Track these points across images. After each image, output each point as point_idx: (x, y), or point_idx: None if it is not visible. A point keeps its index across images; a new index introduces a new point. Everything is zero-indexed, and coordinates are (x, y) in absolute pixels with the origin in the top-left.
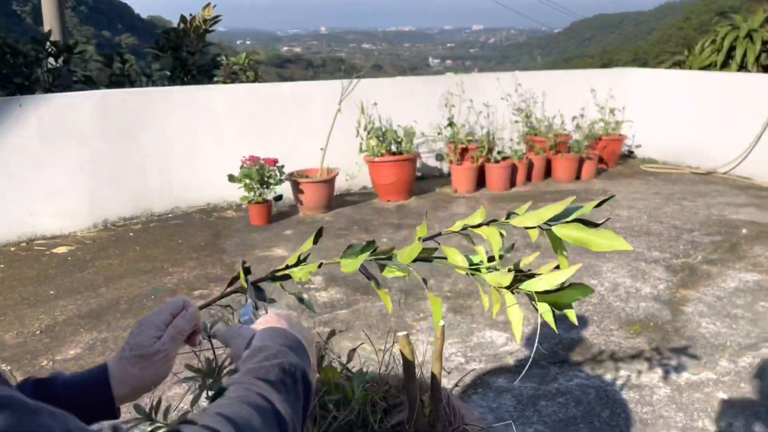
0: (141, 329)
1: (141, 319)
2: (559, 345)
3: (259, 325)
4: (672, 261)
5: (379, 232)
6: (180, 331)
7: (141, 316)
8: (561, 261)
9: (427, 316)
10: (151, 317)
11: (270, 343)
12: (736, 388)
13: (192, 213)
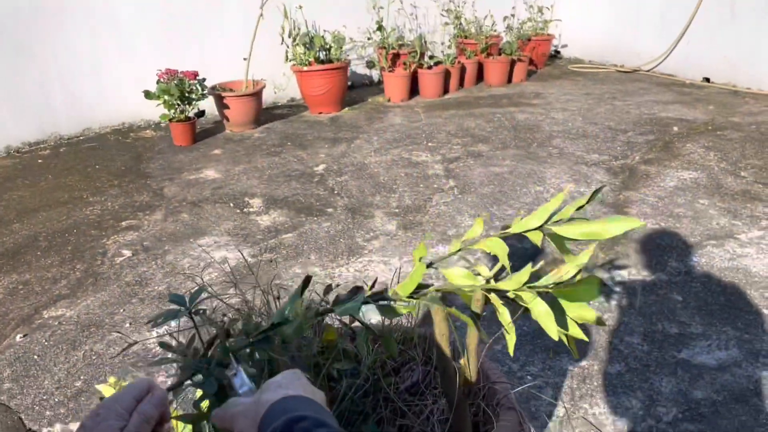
0: (98, 420)
1: (97, 407)
2: (513, 256)
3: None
4: (611, 163)
5: (314, 147)
6: (147, 419)
7: (63, 252)
8: (568, 259)
9: (378, 235)
10: (110, 404)
11: (303, 412)
12: (688, 287)
13: (106, 134)
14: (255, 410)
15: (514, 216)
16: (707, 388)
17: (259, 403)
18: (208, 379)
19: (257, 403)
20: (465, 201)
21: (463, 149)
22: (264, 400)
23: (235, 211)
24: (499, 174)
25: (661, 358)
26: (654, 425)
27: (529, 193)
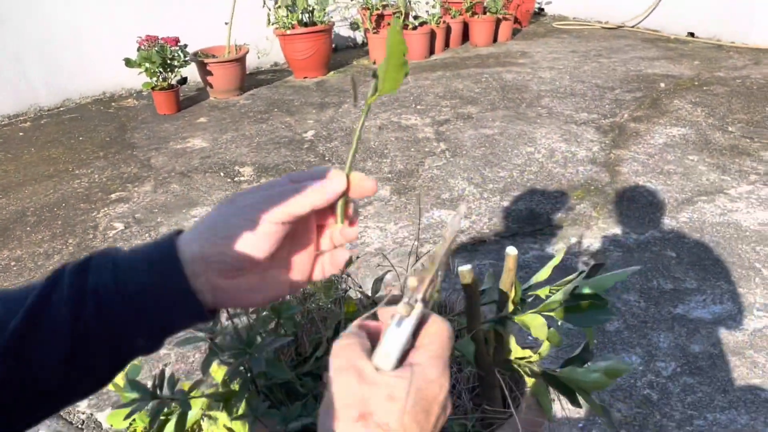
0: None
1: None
2: (508, 218)
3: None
4: (601, 121)
5: (302, 113)
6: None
7: (54, 227)
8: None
9: (371, 201)
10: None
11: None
12: (681, 243)
13: (87, 105)
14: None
15: (507, 178)
16: (704, 341)
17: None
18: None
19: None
20: (457, 164)
21: (452, 111)
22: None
23: (225, 180)
24: (490, 136)
25: (658, 314)
26: (654, 379)
27: (520, 154)
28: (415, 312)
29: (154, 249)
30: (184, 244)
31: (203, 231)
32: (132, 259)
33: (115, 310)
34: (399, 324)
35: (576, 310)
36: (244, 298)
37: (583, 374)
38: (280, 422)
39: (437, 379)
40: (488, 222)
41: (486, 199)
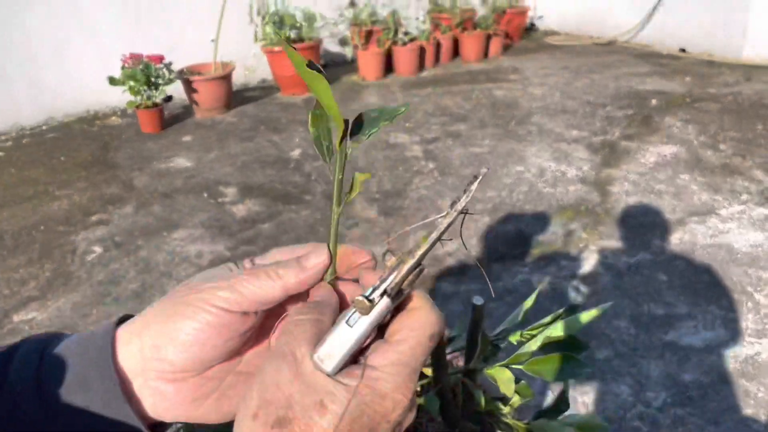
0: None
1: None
2: (497, 240)
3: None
4: (592, 139)
5: (289, 131)
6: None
7: (31, 251)
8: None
9: (358, 222)
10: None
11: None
12: (672, 266)
13: (70, 123)
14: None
15: (495, 198)
16: (695, 370)
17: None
18: None
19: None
20: (445, 183)
21: (441, 129)
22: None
23: (209, 201)
24: (479, 154)
25: (649, 341)
26: (644, 411)
27: (509, 173)
28: (376, 310)
29: (86, 347)
30: (123, 337)
31: (146, 321)
32: (65, 348)
33: (29, 409)
34: (353, 322)
35: (548, 363)
36: (192, 411)
37: (556, 428)
38: None
39: (392, 393)
40: (476, 244)
41: (475, 220)
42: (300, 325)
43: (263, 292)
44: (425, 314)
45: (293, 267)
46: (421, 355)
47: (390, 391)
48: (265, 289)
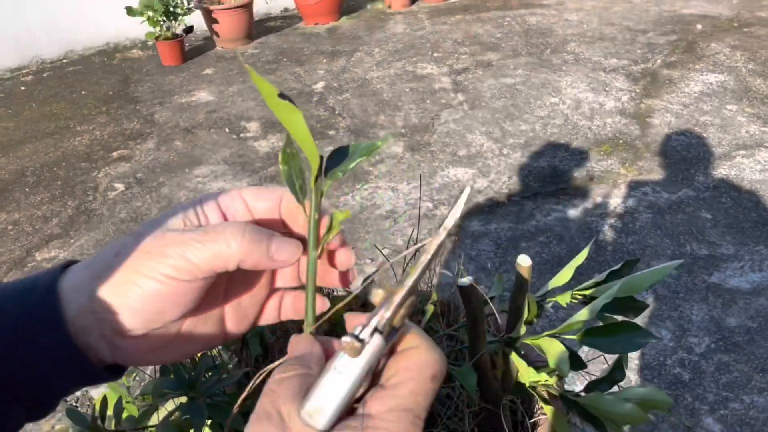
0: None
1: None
2: (529, 177)
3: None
4: (631, 68)
5: (312, 63)
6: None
7: (53, 188)
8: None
9: (383, 159)
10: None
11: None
12: (717, 204)
13: (90, 56)
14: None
15: (528, 132)
16: (741, 314)
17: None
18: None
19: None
20: (475, 117)
21: (471, 59)
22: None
23: (231, 136)
24: (511, 85)
25: (691, 284)
26: (686, 357)
27: (543, 105)
28: (368, 351)
29: (29, 296)
30: (70, 291)
31: (95, 277)
32: (2, 302)
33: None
34: (342, 368)
35: (604, 332)
36: (153, 357)
37: (612, 404)
38: None
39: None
40: (507, 181)
41: (506, 155)
42: (284, 382)
43: (217, 263)
44: (423, 353)
45: (261, 251)
46: (423, 399)
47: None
48: (220, 260)
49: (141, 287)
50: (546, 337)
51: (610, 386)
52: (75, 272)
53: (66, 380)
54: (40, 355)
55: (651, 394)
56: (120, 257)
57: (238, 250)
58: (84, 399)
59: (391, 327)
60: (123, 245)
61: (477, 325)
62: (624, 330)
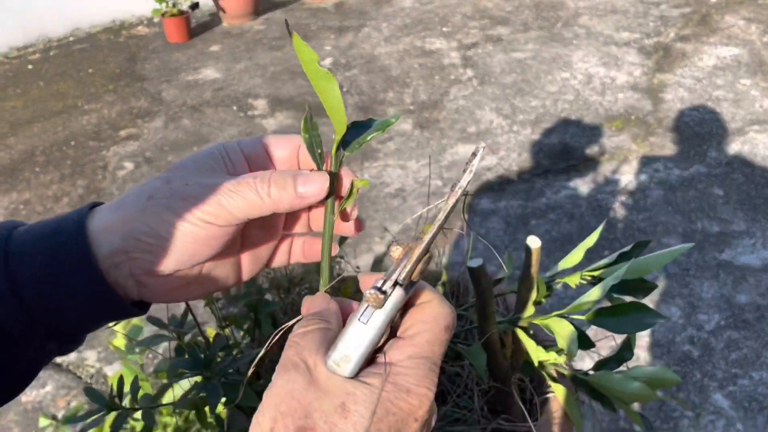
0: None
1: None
2: (540, 154)
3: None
4: (644, 42)
5: (319, 39)
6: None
7: (63, 167)
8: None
9: (392, 136)
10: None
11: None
12: (729, 180)
13: (97, 34)
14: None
15: (539, 108)
16: (752, 291)
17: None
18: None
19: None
20: (485, 93)
21: (481, 33)
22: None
23: (238, 114)
24: (522, 60)
25: (702, 261)
26: (695, 334)
27: (554, 80)
28: (390, 302)
29: (58, 237)
30: (101, 231)
31: (128, 219)
32: (27, 250)
33: (10, 315)
34: (366, 318)
35: (615, 313)
36: (175, 295)
37: (621, 382)
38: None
39: (416, 388)
40: (517, 158)
41: (516, 132)
42: (306, 335)
43: (251, 210)
44: (437, 306)
45: (289, 193)
46: (439, 348)
47: (414, 386)
48: (254, 208)
49: (179, 230)
50: (555, 317)
51: (618, 365)
52: (104, 213)
53: (97, 316)
54: (72, 295)
55: (658, 373)
56: (154, 201)
57: (269, 198)
58: (98, 376)
59: (409, 280)
60: (154, 189)
61: (486, 305)
62: (633, 310)
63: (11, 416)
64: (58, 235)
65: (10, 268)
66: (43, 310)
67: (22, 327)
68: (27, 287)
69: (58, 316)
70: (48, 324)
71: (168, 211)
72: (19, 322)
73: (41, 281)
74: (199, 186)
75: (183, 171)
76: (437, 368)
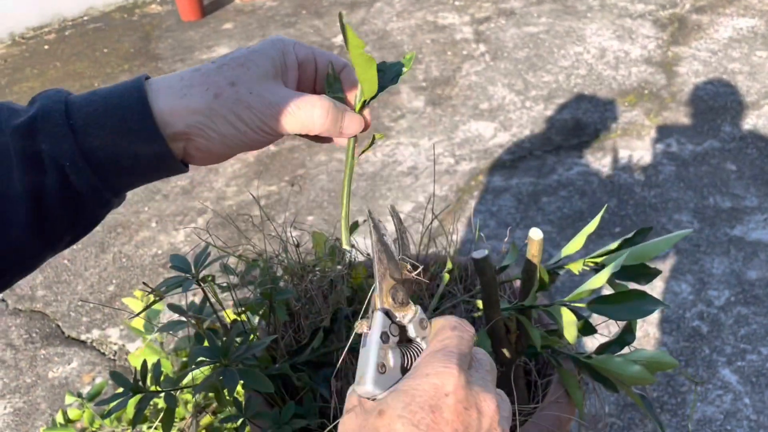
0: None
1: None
2: (552, 130)
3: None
4: (659, 13)
5: (332, 15)
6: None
7: None
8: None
9: (404, 114)
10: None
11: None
12: (743, 155)
13: (111, 13)
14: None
15: (552, 83)
16: (762, 267)
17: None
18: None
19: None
20: (498, 68)
21: (493, 7)
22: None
23: None
24: (534, 34)
25: (713, 237)
26: (705, 310)
27: (567, 55)
28: (375, 320)
29: (124, 113)
30: (167, 113)
31: (194, 110)
32: (93, 123)
33: (82, 180)
34: (362, 344)
35: (616, 300)
36: (210, 163)
37: (621, 365)
38: (272, 425)
39: (434, 371)
40: (529, 134)
41: (528, 108)
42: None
43: (303, 130)
44: (440, 320)
45: (336, 126)
46: (451, 341)
47: (431, 370)
48: (306, 129)
49: (240, 132)
50: (557, 305)
51: (620, 348)
52: (169, 97)
53: (155, 176)
54: (138, 163)
55: (657, 357)
56: (221, 101)
57: (321, 125)
58: (121, 353)
59: (396, 303)
60: (218, 87)
61: (491, 294)
62: (632, 298)
63: (39, 392)
64: (124, 110)
65: (79, 140)
66: (113, 176)
67: (93, 190)
68: (98, 157)
69: (125, 180)
70: (114, 185)
71: (234, 115)
72: (91, 187)
73: (111, 152)
74: (263, 99)
75: (246, 74)
76: (453, 357)
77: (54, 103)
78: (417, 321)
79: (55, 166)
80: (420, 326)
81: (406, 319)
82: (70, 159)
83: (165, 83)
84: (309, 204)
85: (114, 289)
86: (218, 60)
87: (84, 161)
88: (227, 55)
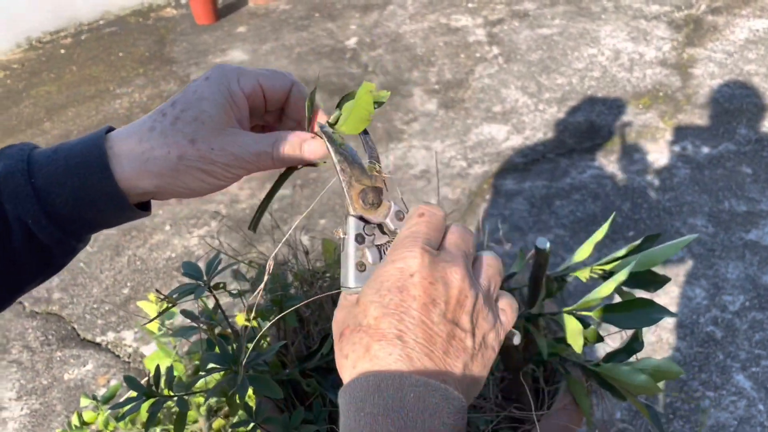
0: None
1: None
2: (565, 132)
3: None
4: (674, 15)
5: (344, 18)
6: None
7: None
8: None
9: (417, 117)
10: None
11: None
12: (759, 158)
13: (126, 17)
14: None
15: (565, 85)
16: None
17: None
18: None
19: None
20: (511, 71)
21: (507, 9)
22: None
23: None
24: (548, 36)
25: (728, 241)
26: (719, 315)
27: (581, 57)
28: (350, 227)
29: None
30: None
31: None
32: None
33: (46, 235)
34: (342, 249)
35: (620, 309)
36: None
37: (628, 374)
38: (282, 430)
39: (397, 256)
40: (543, 137)
41: (541, 111)
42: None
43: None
44: (412, 209)
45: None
46: (418, 227)
47: (396, 256)
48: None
49: (208, 184)
50: (565, 314)
51: (628, 356)
52: (132, 164)
53: (119, 222)
54: (102, 215)
55: (664, 366)
56: (185, 162)
57: (280, 161)
58: (135, 355)
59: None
60: (179, 148)
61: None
62: (639, 306)
63: (55, 393)
64: (85, 170)
65: (42, 198)
66: (78, 228)
67: (58, 242)
68: (61, 215)
69: (89, 230)
70: (78, 235)
71: (201, 172)
72: (56, 240)
73: (73, 209)
74: (225, 153)
75: (202, 128)
76: (419, 237)
77: (17, 162)
78: (393, 215)
79: (19, 223)
80: (397, 218)
81: (381, 216)
82: (33, 217)
83: (125, 147)
84: (321, 207)
85: (128, 292)
86: (168, 110)
87: (47, 219)
88: (175, 103)
